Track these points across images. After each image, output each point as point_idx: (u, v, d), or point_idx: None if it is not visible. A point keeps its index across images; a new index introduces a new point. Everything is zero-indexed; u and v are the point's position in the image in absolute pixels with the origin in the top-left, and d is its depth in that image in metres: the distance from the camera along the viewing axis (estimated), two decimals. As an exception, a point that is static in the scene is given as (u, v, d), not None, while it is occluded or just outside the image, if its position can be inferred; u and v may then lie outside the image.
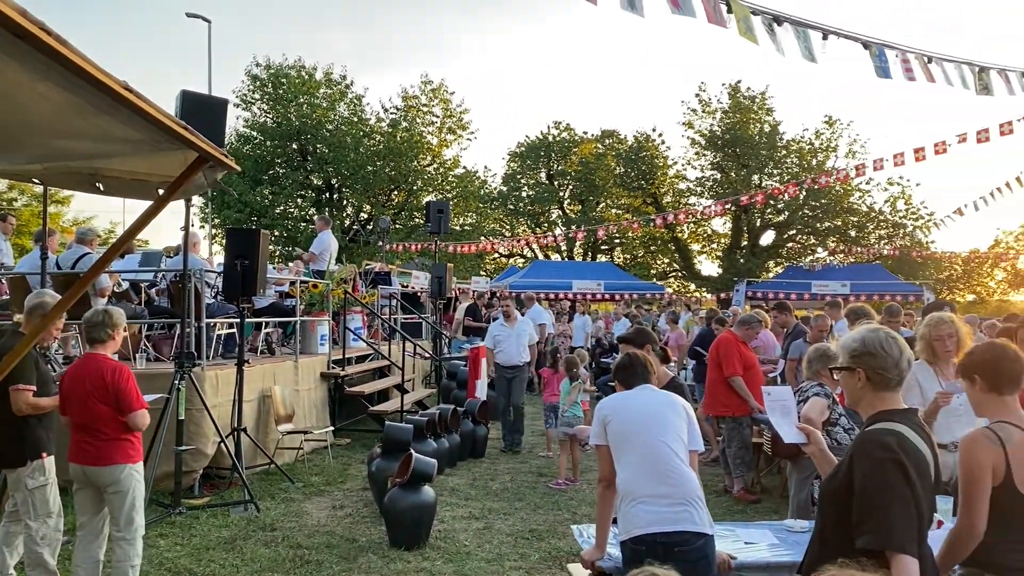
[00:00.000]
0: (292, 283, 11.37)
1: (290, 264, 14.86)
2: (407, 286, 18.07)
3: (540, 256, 40.86)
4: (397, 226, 35.57)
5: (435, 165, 38.57)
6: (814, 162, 36.16)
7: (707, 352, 9.03)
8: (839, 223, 36.51)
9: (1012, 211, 46.01)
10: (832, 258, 31.45)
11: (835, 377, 3.13)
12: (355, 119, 37.12)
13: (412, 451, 6.77)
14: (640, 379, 4.03)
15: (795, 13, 5.46)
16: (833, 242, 35.70)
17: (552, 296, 24.99)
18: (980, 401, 3.22)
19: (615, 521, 3.81)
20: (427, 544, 6.31)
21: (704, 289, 37.77)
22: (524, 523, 7.04)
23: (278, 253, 33.79)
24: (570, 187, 42.25)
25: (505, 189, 42.19)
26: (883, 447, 2.67)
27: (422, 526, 6.37)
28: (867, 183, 35.76)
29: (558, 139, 41.95)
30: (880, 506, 2.58)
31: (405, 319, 16.53)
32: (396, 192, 38.54)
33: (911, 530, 2.57)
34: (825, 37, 5.78)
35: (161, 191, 3.11)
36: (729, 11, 4.93)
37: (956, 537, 3.05)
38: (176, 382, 7.08)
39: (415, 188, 37.83)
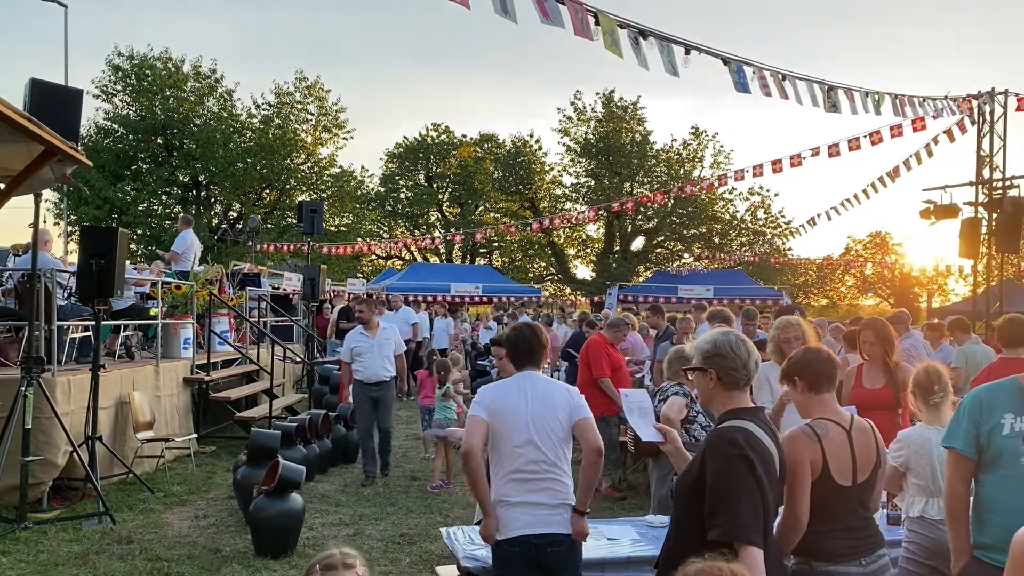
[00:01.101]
0: (153, 284, 10.86)
1: (152, 264, 14.18)
2: (278, 288, 17.59)
3: (418, 258, 40.68)
4: (268, 226, 34.58)
5: (309, 164, 37.73)
6: (681, 171, 37.65)
7: (579, 354, 9.25)
8: (704, 230, 38.16)
9: (861, 220, 49.51)
10: (697, 263, 32.82)
11: (689, 377, 3.30)
12: (225, 114, 35.79)
13: (279, 458, 6.61)
14: (528, 360, 3.97)
15: (660, 28, 5.71)
16: (699, 248, 37.24)
17: (430, 299, 24.93)
18: (803, 402, 3.45)
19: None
20: (295, 552, 6.18)
21: (579, 292, 38.64)
22: (396, 527, 7.00)
23: (140, 252, 32.16)
24: (449, 190, 42.28)
25: (383, 190, 41.77)
26: (732, 444, 2.83)
27: (289, 534, 6.23)
28: (730, 192, 37.61)
29: (437, 141, 41.91)
30: (729, 500, 2.73)
31: (276, 322, 16.09)
32: (268, 191, 37.45)
33: (757, 522, 2.73)
34: (688, 52, 6.05)
35: (2, 185, 2.93)
36: (597, 24, 5.11)
37: (783, 528, 3.26)
38: (23, 388, 6.64)
39: (288, 187, 36.87)
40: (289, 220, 34.85)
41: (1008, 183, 13.41)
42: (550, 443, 3.78)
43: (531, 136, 41.46)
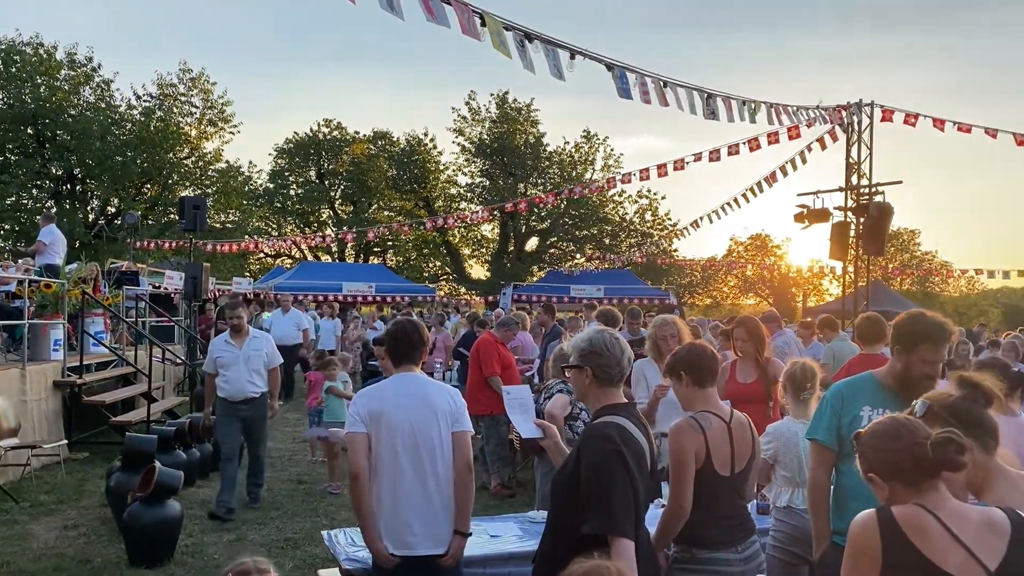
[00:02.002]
0: (20, 282, 10.24)
1: (19, 262, 13.36)
2: (159, 287, 16.89)
3: (309, 257, 39.82)
4: (149, 222, 33.10)
5: (194, 158, 36.34)
6: (574, 173, 38.30)
7: (469, 352, 9.29)
8: (595, 231, 38.95)
9: (743, 223, 51.71)
10: (589, 264, 33.47)
11: (566, 375, 3.38)
12: (103, 105, 34.02)
13: (156, 463, 6.36)
14: (406, 357, 3.88)
15: (546, 32, 5.81)
16: (590, 249, 37.98)
17: (321, 298, 24.47)
18: (687, 396, 3.59)
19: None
20: (172, 560, 5.96)
21: (474, 292, 38.75)
22: (279, 532, 6.85)
23: (8, 249, 30.19)
24: (341, 187, 41.58)
25: (272, 186, 40.67)
26: (606, 439, 2.91)
27: (166, 542, 6.00)
28: (620, 195, 38.56)
29: (329, 137, 41.13)
30: (603, 494, 2.81)
31: (156, 322, 15.44)
32: (149, 185, 35.84)
33: (629, 515, 2.82)
34: (573, 57, 6.18)
35: None
36: (483, 24, 5.15)
37: (667, 517, 3.38)
38: None
39: (171, 182, 35.39)
40: (171, 216, 33.44)
41: (874, 189, 14.29)
42: (430, 448, 3.71)
43: (426, 135, 41.29)
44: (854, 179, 14.58)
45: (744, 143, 14.10)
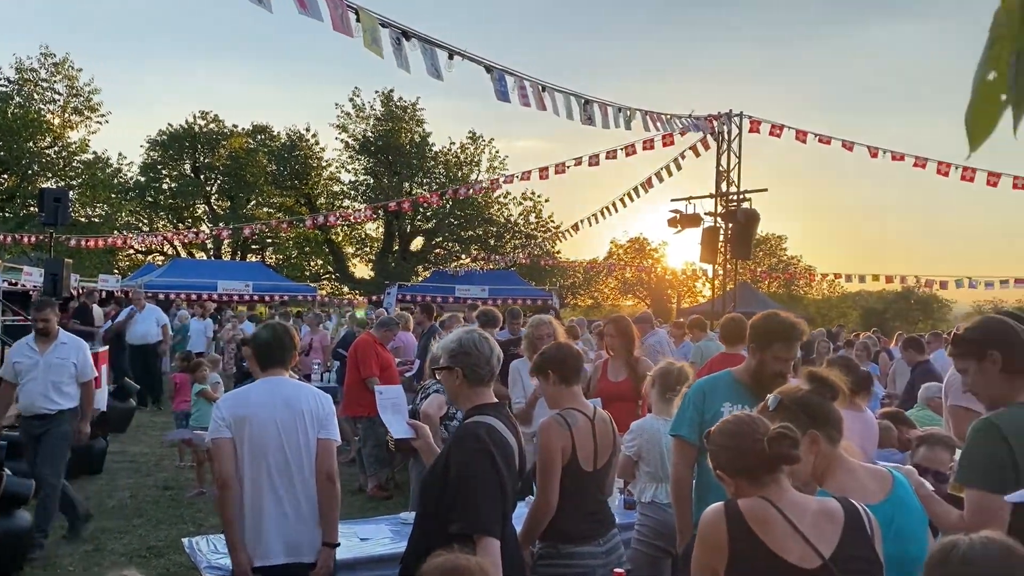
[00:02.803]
0: None
1: None
2: (16, 283, 15.83)
3: (183, 254, 38.20)
4: (6, 215, 30.95)
5: (57, 148, 34.21)
6: (459, 174, 38.33)
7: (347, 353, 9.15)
8: (481, 232, 39.10)
9: (623, 225, 53.09)
10: (474, 264, 33.57)
11: (436, 376, 3.38)
12: (-48, 88, 31.59)
13: (5, 470, 5.94)
14: (275, 361, 3.77)
15: (424, 31, 5.78)
16: (475, 250, 38.10)
17: (195, 297, 23.51)
18: (554, 394, 3.67)
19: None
20: (21, 575, 5.60)
21: (357, 292, 38.14)
22: (142, 541, 6.55)
23: None
24: (218, 182, 40.08)
25: (143, 180, 38.77)
26: (475, 439, 2.94)
27: (14, 555, 5.63)
28: (505, 197, 38.86)
29: (205, 130, 39.55)
30: (470, 494, 2.84)
31: (10, 321, 14.43)
32: (7, 176, 33.50)
33: (496, 514, 2.86)
34: (451, 57, 6.19)
35: None
36: (358, 20, 5.07)
37: (534, 513, 3.45)
38: None
39: (31, 173, 33.19)
40: (31, 209, 31.36)
41: (741, 196, 14.98)
42: (298, 455, 3.62)
43: (308, 130, 40.34)
44: (724, 186, 15.25)
45: (622, 149, 14.50)
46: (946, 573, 1.67)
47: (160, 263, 33.56)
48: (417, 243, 40.53)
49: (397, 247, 39.50)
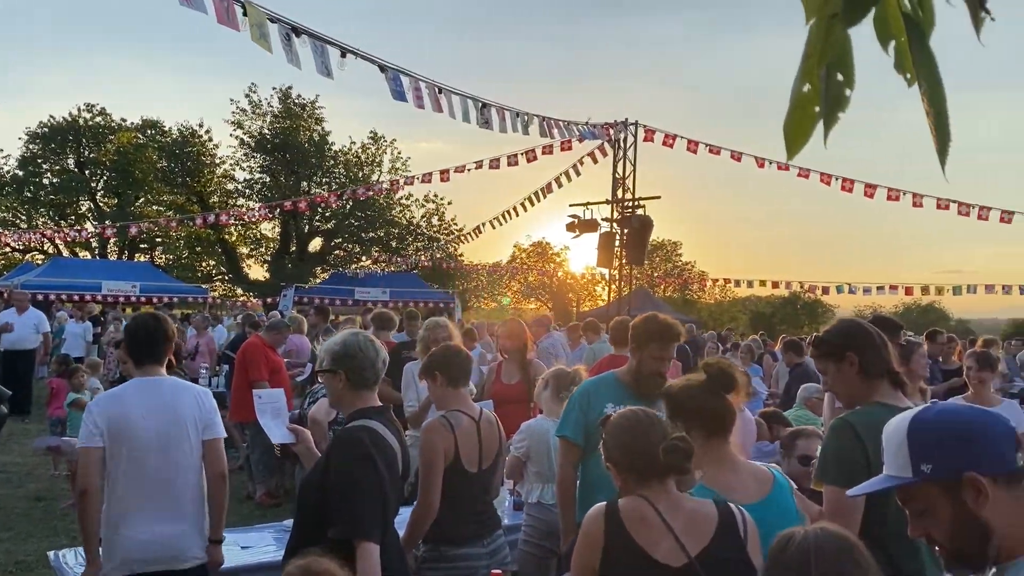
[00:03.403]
0: None
1: None
2: None
3: (65, 253, 36.27)
4: None
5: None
6: (360, 174, 37.83)
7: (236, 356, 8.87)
8: (382, 234, 38.70)
9: (527, 230, 53.57)
10: (375, 266, 33.19)
11: (319, 380, 3.33)
12: None
13: None
14: (149, 355, 3.60)
15: (315, 28, 5.66)
16: (376, 251, 37.68)
17: (77, 298, 22.36)
18: (441, 395, 3.67)
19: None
20: None
21: (252, 293, 37.09)
22: (9, 555, 6.19)
23: None
24: (104, 178, 38.28)
25: (22, 174, 36.64)
26: (356, 443, 2.90)
27: None
28: (407, 198, 38.58)
29: (91, 124, 37.73)
30: (350, 498, 2.80)
31: None
32: None
33: (377, 519, 2.83)
34: (344, 55, 6.10)
35: None
36: (245, 14, 4.92)
37: (416, 516, 3.43)
38: None
39: None
40: None
41: (636, 203, 15.35)
42: (178, 459, 3.49)
43: (201, 126, 38.99)
44: (620, 193, 15.59)
45: (523, 154, 14.63)
46: (782, 562, 1.76)
47: (40, 262, 31.77)
48: (315, 244, 39.76)
49: (294, 248, 38.64)
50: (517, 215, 18.41)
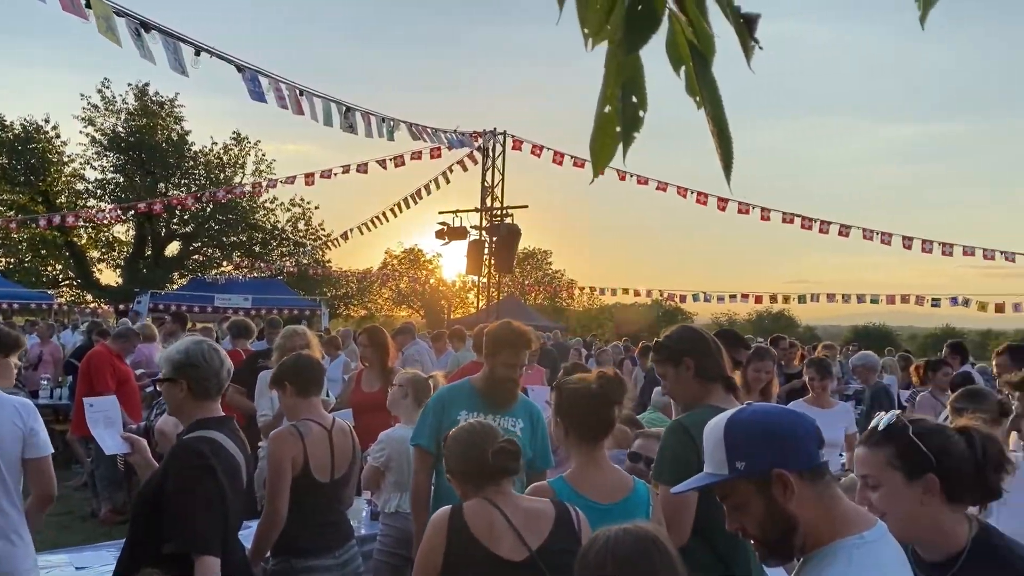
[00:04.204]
0: None
1: None
2: None
3: None
4: None
5: None
6: (222, 176, 36.46)
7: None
8: (245, 238, 37.41)
9: (399, 237, 53.10)
10: (237, 272, 32.05)
11: (158, 388, 3.19)
12: None
13: None
14: None
15: (167, 23, 5.42)
16: (238, 256, 36.42)
17: None
18: (291, 405, 3.60)
19: None
20: None
21: (103, 299, 34.99)
22: None
23: None
24: (-68, 174, 35.19)
25: None
26: (196, 454, 2.80)
27: None
28: (272, 202, 37.48)
29: (-81, 115, 34.61)
30: (188, 511, 2.70)
31: None
32: None
33: (217, 531, 2.74)
34: (198, 53, 5.87)
35: None
36: (88, 6, 4.65)
37: (263, 527, 3.34)
38: None
39: None
40: None
41: (505, 212, 15.54)
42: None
43: (47, 121, 36.48)
44: (489, 201, 15.75)
45: (391, 159, 14.52)
46: (591, 559, 1.86)
47: None
48: (173, 248, 37.97)
49: (150, 252, 36.76)
50: (386, 221, 18.25)
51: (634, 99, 0.96)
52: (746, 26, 0.85)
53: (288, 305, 27.82)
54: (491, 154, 15.76)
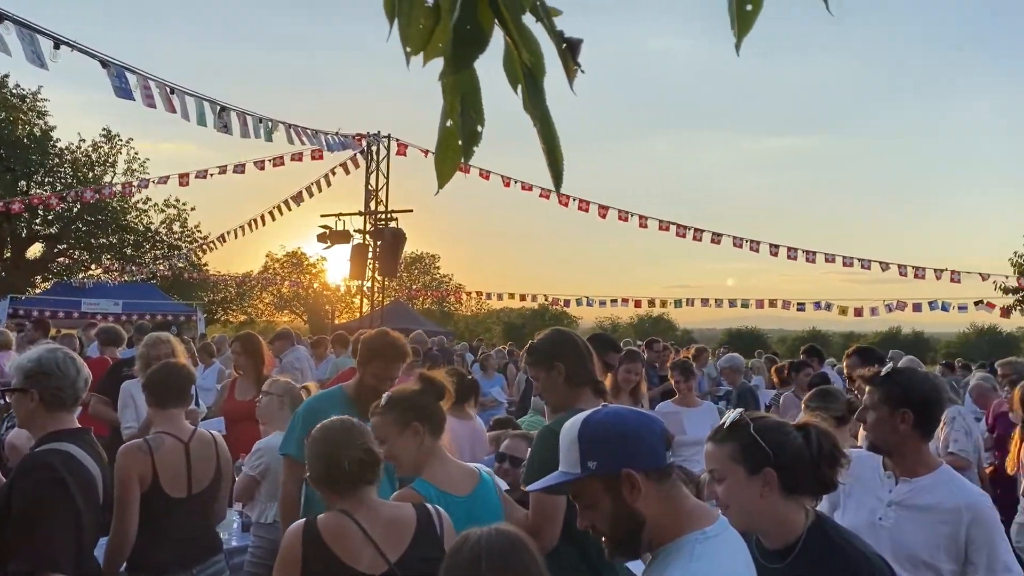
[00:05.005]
0: None
1: None
2: None
3: None
4: None
5: None
6: (90, 175, 34.61)
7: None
8: (115, 240, 35.66)
9: (280, 239, 51.70)
10: (106, 276, 30.45)
11: (7, 399, 3.02)
12: None
13: None
14: None
15: (25, 15, 5.10)
16: (108, 259, 34.63)
17: None
18: (151, 417, 3.48)
19: None
20: None
21: (-46, 305, 32.51)
22: None
23: None
24: None
25: None
26: (46, 467, 2.68)
27: None
28: (145, 202, 35.88)
29: None
30: (36, 527, 2.58)
31: None
32: None
33: (68, 548, 2.62)
34: (57, 47, 5.56)
35: None
36: (-70, -8, 4.34)
37: (111, 544, 3.22)
38: None
39: None
40: None
41: (389, 216, 15.42)
42: None
43: None
44: (373, 205, 15.59)
45: (270, 160, 14.17)
46: (459, 560, 1.89)
47: None
48: (35, 250, 35.72)
49: (9, 254, 34.45)
50: (264, 224, 17.77)
51: (473, 114, 0.99)
52: (569, 51, 0.89)
53: (162, 310, 26.66)
54: (375, 157, 15.61)
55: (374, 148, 15.39)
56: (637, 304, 21.39)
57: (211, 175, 14.57)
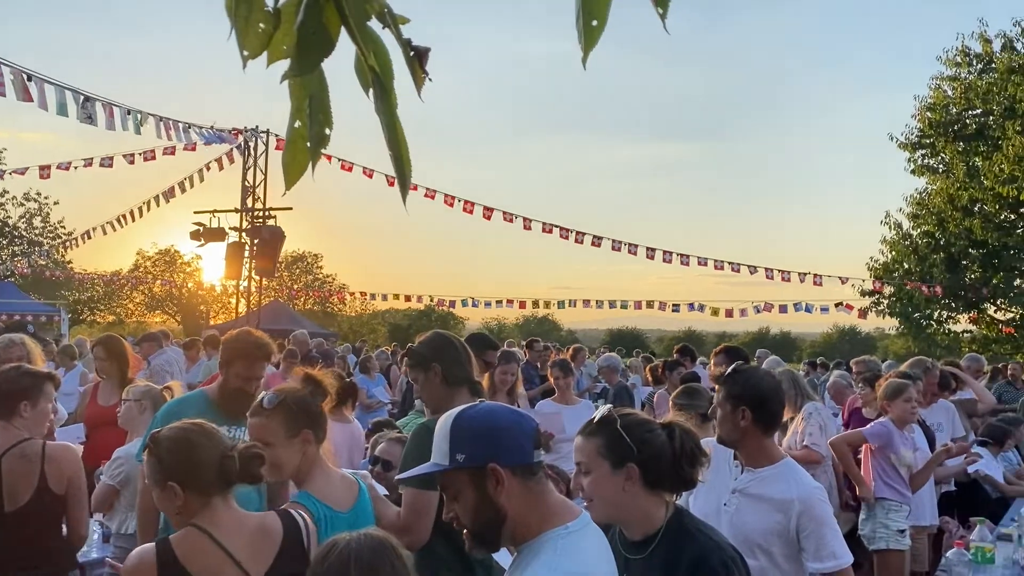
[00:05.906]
0: None
1: None
2: None
3: None
4: None
5: None
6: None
7: None
8: (-31, 235, 33.33)
9: (152, 236, 49.30)
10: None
11: None
12: None
13: None
14: None
15: None
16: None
17: None
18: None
19: None
20: None
21: None
22: None
23: None
24: None
25: None
26: None
27: None
28: (2, 196, 33.68)
29: None
30: None
31: None
32: None
33: None
34: None
35: None
36: None
37: None
38: None
39: None
40: None
41: (267, 213, 14.99)
42: None
43: None
44: (250, 202, 15.13)
45: (140, 153, 13.53)
46: (327, 566, 1.87)
47: None
48: None
49: None
50: (134, 220, 16.95)
51: (321, 116, 0.99)
52: (417, 59, 0.91)
53: (20, 310, 24.99)
54: (253, 153, 15.15)
55: (251, 143, 14.93)
56: (522, 305, 21.67)
57: (75, 168, 13.79)
